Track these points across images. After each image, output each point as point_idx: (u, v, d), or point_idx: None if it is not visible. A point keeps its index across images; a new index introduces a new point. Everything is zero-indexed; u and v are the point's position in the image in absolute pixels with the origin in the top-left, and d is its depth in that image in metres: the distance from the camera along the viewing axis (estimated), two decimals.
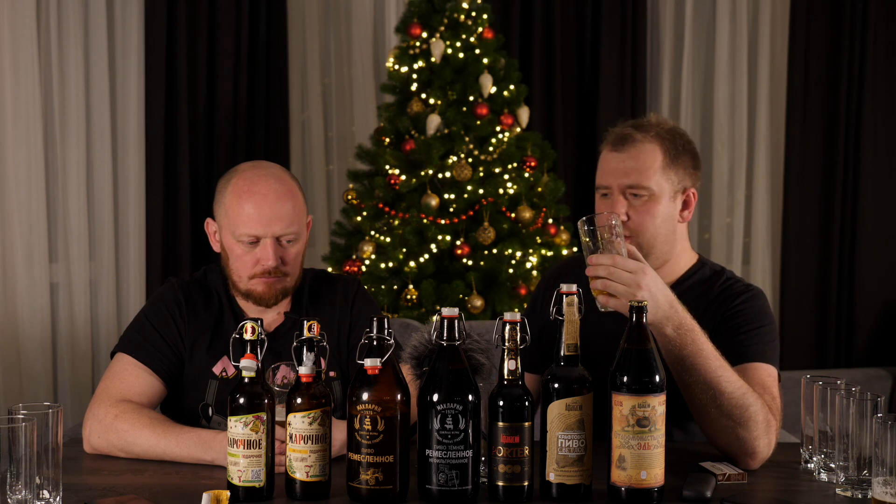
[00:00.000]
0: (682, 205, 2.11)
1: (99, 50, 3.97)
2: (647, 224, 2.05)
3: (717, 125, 4.52)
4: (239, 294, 2.12)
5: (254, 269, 2.05)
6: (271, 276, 2.05)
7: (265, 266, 2.04)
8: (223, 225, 2.08)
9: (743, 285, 2.12)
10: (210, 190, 4.03)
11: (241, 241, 2.04)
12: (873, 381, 4.28)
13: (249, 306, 2.13)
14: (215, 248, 2.15)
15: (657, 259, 2.09)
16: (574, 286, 1.69)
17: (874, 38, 4.49)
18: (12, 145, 3.82)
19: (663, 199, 2.06)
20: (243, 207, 2.03)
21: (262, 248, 2.03)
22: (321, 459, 1.67)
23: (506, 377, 1.65)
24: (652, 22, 4.52)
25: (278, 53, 4.16)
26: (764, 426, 1.86)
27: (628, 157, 2.06)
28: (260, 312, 2.11)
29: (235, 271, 2.08)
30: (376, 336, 1.67)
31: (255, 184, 2.05)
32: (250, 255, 2.04)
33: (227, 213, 2.06)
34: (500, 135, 3.73)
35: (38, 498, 1.52)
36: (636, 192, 2.05)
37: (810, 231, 4.55)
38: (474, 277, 3.56)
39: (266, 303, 2.09)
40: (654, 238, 2.07)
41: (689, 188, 2.11)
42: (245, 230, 2.03)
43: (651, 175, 2.05)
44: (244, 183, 2.06)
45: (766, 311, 2.09)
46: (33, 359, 3.86)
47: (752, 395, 1.86)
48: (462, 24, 3.79)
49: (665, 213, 2.07)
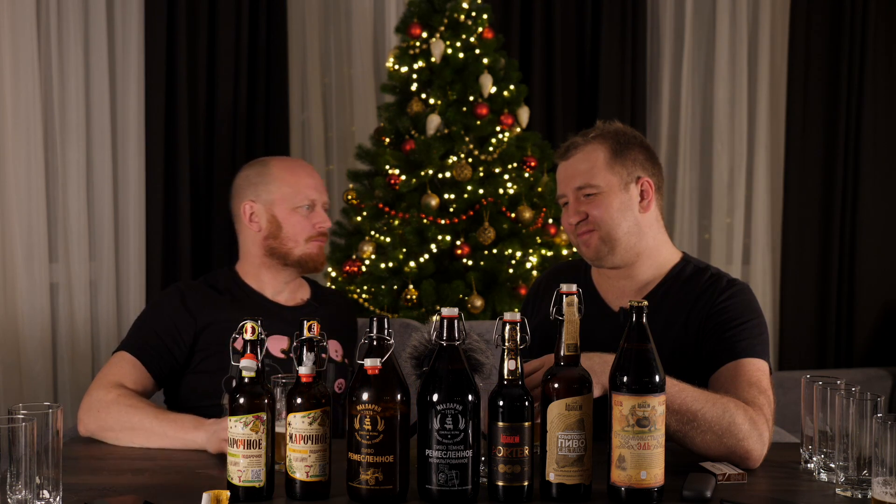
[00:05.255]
0: (639, 196, 2.15)
1: (99, 50, 3.97)
2: (604, 217, 2.12)
3: (717, 125, 4.52)
4: (286, 264, 2.36)
5: (311, 232, 2.36)
6: (323, 239, 2.39)
7: (322, 227, 2.37)
8: (275, 200, 2.36)
9: (727, 281, 2.13)
10: (210, 190, 4.08)
11: (300, 206, 2.35)
12: (873, 381, 4.28)
13: (268, 292, 2.35)
14: (252, 229, 2.38)
15: (627, 252, 2.14)
16: (574, 286, 1.69)
17: (874, 38, 4.49)
18: (12, 145, 3.82)
19: (614, 192, 2.13)
20: (300, 178, 2.37)
21: (317, 212, 2.37)
22: (321, 459, 1.67)
23: (506, 377, 1.65)
24: (652, 22, 4.52)
25: (278, 53, 4.16)
26: (749, 426, 1.86)
27: (574, 161, 2.17)
28: (289, 292, 2.41)
29: (291, 237, 2.35)
30: (376, 336, 1.68)
31: (296, 162, 2.46)
32: (308, 220, 2.35)
33: (280, 186, 2.36)
34: (500, 135, 3.73)
35: (38, 498, 1.52)
36: (587, 192, 2.14)
37: (810, 231, 4.55)
38: (474, 277, 3.56)
39: (318, 264, 2.37)
40: (615, 229, 2.12)
41: (643, 178, 2.15)
42: (305, 195, 2.35)
43: (596, 172, 2.14)
44: (288, 163, 2.44)
45: (752, 305, 2.10)
46: (33, 359, 3.86)
47: (722, 401, 1.87)
48: (462, 24, 3.78)
49: (619, 204, 2.13)
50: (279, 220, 2.36)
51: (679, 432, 1.85)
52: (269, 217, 2.36)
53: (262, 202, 2.37)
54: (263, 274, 2.40)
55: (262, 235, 2.37)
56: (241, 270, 2.43)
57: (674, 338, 2.08)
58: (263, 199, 2.37)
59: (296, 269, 2.39)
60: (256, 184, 2.39)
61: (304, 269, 2.39)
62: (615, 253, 2.13)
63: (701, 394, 1.87)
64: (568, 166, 2.19)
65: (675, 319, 2.10)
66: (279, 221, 2.36)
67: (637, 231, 2.14)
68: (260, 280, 2.40)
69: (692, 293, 2.12)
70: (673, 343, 2.06)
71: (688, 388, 1.86)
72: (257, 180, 2.39)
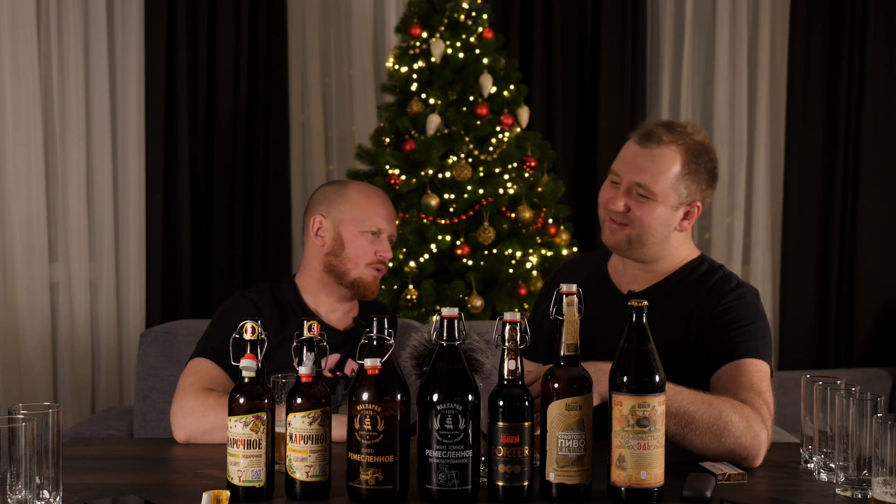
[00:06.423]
0: (683, 215, 2.14)
1: (99, 50, 3.97)
2: (643, 221, 2.09)
3: (717, 125, 4.51)
4: (341, 283, 2.39)
5: (372, 258, 2.39)
6: (382, 268, 2.41)
7: (382, 257, 2.40)
8: (345, 219, 2.39)
9: (736, 283, 2.14)
10: (210, 190, 4.08)
11: (367, 231, 2.38)
12: (873, 381, 4.28)
13: (322, 310, 2.41)
14: (317, 243, 2.41)
15: (646, 254, 2.15)
16: (574, 286, 1.69)
17: (874, 38, 4.49)
18: (12, 145, 3.82)
19: (665, 205, 2.10)
20: (374, 205, 2.41)
21: (381, 241, 2.40)
22: (321, 459, 1.67)
23: (506, 377, 1.65)
24: (652, 22, 4.52)
25: (278, 53, 4.16)
26: (744, 424, 1.87)
27: (647, 156, 2.10)
28: (342, 312, 2.43)
29: (352, 259, 2.38)
30: (376, 336, 1.68)
31: (374, 190, 2.47)
32: (371, 245, 2.38)
33: (352, 208, 2.39)
34: (500, 135, 3.73)
35: (38, 498, 1.52)
36: (641, 192, 2.09)
37: (810, 231, 4.54)
38: (474, 277, 3.56)
39: (370, 292, 2.41)
40: (647, 235, 2.11)
41: (696, 201, 2.14)
42: (374, 222, 2.38)
43: (660, 181, 2.09)
44: (366, 188, 2.47)
45: (757, 308, 2.11)
46: (33, 359, 3.86)
47: (718, 401, 1.88)
48: (462, 24, 3.78)
49: (663, 216, 2.11)
50: (344, 240, 2.40)
51: (678, 435, 1.86)
52: (334, 234, 2.40)
53: (331, 219, 2.40)
54: (319, 291, 2.42)
55: (324, 251, 2.40)
56: (300, 284, 2.45)
57: (674, 327, 2.09)
58: (334, 216, 2.40)
59: (349, 290, 2.41)
60: (331, 200, 2.42)
61: (356, 293, 2.41)
62: (633, 250, 2.14)
63: (697, 395, 1.87)
64: (639, 154, 2.10)
65: (680, 310, 2.11)
66: (343, 240, 2.39)
67: (665, 241, 2.14)
68: (317, 297, 2.42)
69: (701, 289, 2.13)
70: (672, 332, 2.07)
71: (684, 391, 1.86)
72: (332, 197, 2.43)
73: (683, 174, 2.10)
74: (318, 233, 2.41)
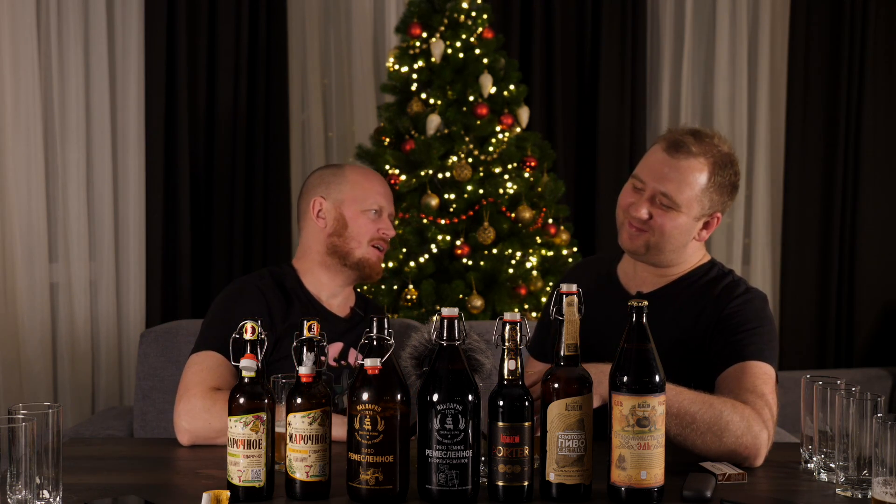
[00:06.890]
0: (703, 225, 2.15)
1: (99, 50, 3.97)
2: (664, 229, 2.10)
3: (717, 125, 4.51)
4: (345, 264, 2.37)
5: (375, 235, 2.39)
6: (384, 247, 2.42)
7: (385, 234, 2.41)
8: (346, 199, 2.39)
9: (745, 287, 2.16)
10: (210, 190, 4.08)
11: (369, 209, 2.38)
12: (873, 381, 4.28)
13: (323, 295, 2.38)
14: (318, 225, 2.40)
15: (662, 260, 2.16)
16: (574, 286, 1.69)
17: (874, 38, 4.49)
18: (12, 145, 3.82)
19: (687, 216, 2.11)
20: (373, 184, 2.42)
21: (383, 219, 2.41)
22: (321, 459, 1.67)
23: (506, 377, 1.65)
24: (652, 22, 4.52)
25: (278, 53, 4.16)
26: (745, 424, 1.88)
27: (675, 165, 2.09)
28: (343, 297, 2.42)
29: (355, 237, 2.38)
30: (376, 336, 1.68)
31: (370, 170, 2.52)
32: (374, 223, 2.39)
33: (353, 188, 2.40)
34: (500, 135, 3.73)
35: (38, 498, 1.52)
36: (665, 203, 2.09)
37: (810, 231, 4.54)
38: (474, 277, 3.56)
39: (374, 272, 2.40)
40: (665, 243, 2.12)
41: (717, 212, 2.16)
42: (375, 200, 2.39)
43: (685, 191, 2.09)
44: (363, 169, 2.49)
45: (764, 312, 2.12)
46: (33, 359, 3.86)
47: (719, 401, 1.89)
48: (462, 24, 3.78)
49: (684, 226, 2.11)
50: (346, 219, 2.39)
51: (680, 436, 1.86)
52: (336, 215, 2.39)
53: (332, 200, 2.40)
54: (322, 274, 2.40)
55: (326, 232, 2.38)
56: (300, 268, 2.41)
57: (682, 330, 2.10)
58: (334, 197, 2.40)
59: (353, 272, 2.39)
60: (329, 182, 2.42)
61: (361, 273, 2.40)
62: (651, 256, 2.15)
63: (697, 396, 1.88)
64: (666, 163, 2.10)
65: (687, 313, 2.12)
66: (346, 220, 2.39)
67: (681, 251, 2.16)
68: (318, 281, 2.40)
69: (709, 293, 2.14)
70: (680, 335, 2.08)
71: (684, 391, 1.87)
72: (331, 179, 2.43)
73: (708, 186, 2.11)
74: (319, 214, 2.40)
